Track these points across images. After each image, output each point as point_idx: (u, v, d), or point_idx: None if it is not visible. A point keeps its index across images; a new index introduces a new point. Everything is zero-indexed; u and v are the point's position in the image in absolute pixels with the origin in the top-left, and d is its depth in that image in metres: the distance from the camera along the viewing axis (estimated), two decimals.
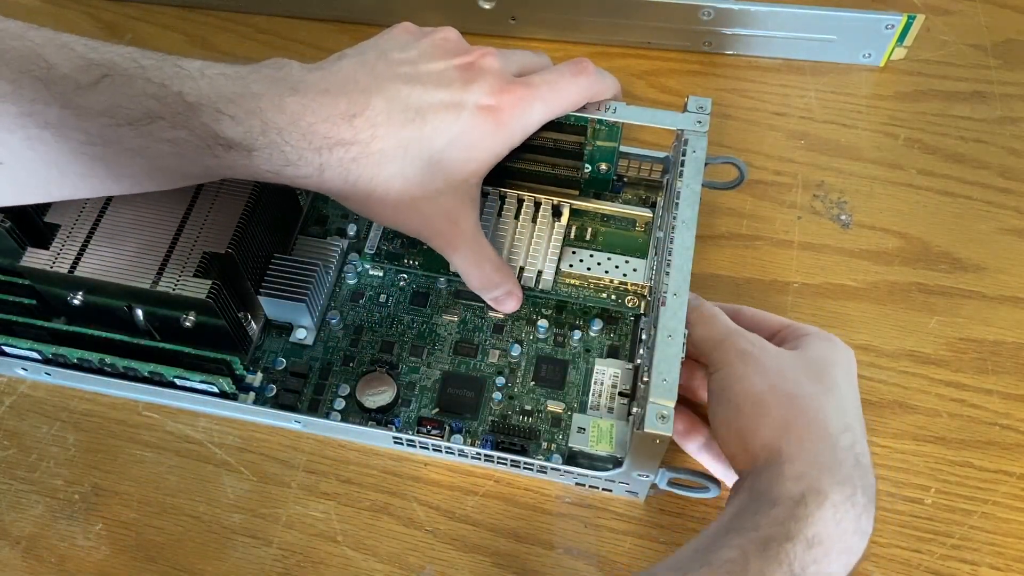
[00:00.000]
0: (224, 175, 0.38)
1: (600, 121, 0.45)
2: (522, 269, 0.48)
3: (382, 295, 0.49)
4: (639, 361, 0.43)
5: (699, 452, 0.43)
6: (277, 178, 0.38)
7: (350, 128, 0.37)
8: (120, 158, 0.35)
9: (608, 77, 0.44)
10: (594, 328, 0.47)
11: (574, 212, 0.51)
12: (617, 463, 0.42)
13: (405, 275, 0.49)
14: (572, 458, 0.44)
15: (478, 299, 0.48)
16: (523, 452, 0.44)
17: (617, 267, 0.49)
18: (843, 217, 0.52)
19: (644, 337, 0.44)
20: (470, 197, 0.42)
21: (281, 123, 0.36)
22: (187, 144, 0.35)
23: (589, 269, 0.49)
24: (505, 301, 0.46)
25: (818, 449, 0.34)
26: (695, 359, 0.42)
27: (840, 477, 0.33)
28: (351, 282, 0.49)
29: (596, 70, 0.43)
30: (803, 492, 0.33)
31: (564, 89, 0.42)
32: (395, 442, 0.44)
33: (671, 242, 0.40)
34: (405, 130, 0.38)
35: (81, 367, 0.45)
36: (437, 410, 0.45)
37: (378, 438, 0.45)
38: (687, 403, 0.43)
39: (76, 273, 0.42)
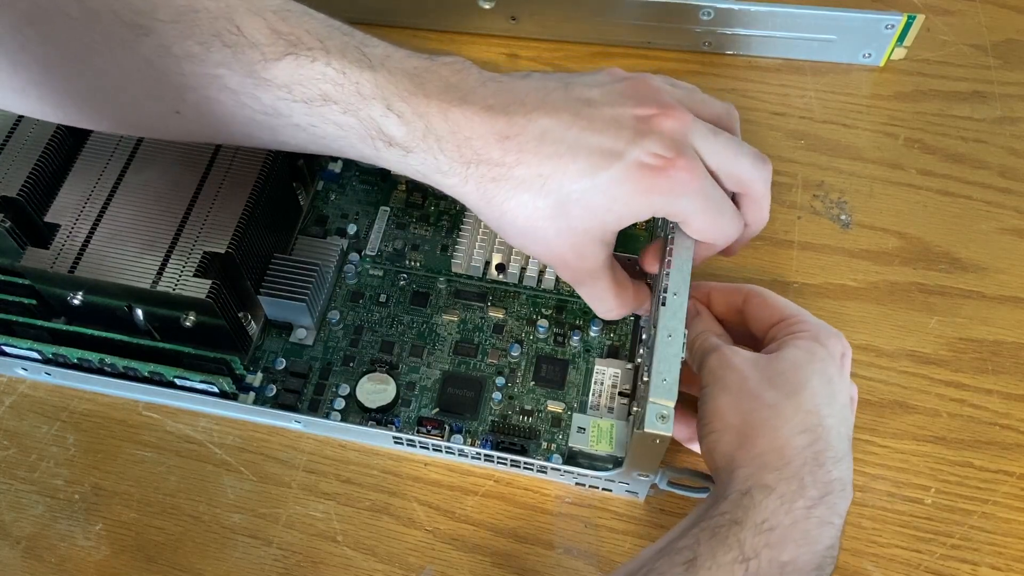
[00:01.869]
0: (376, 164, 0.38)
1: None
2: (524, 269, 0.48)
3: (382, 295, 0.49)
4: (639, 360, 0.43)
5: None
6: (425, 179, 0.38)
7: (499, 149, 0.36)
8: (286, 129, 0.36)
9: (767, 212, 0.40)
10: (594, 328, 0.47)
11: None
12: (617, 463, 0.42)
13: (405, 275, 0.49)
14: (572, 458, 0.44)
15: (478, 299, 0.48)
16: (523, 452, 0.44)
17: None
18: (843, 217, 0.52)
19: (644, 337, 0.44)
20: (602, 242, 0.39)
21: (442, 132, 0.36)
22: (352, 130, 0.36)
23: None
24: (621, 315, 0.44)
25: (766, 452, 0.35)
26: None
27: (786, 473, 0.34)
28: (351, 282, 0.49)
29: (763, 220, 0.40)
30: (749, 486, 0.34)
31: (725, 220, 0.38)
32: (395, 442, 0.44)
33: (671, 242, 0.40)
34: (549, 163, 0.36)
35: (81, 367, 0.45)
36: (437, 410, 0.45)
37: (378, 438, 0.45)
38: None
39: (76, 273, 0.42)
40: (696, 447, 0.42)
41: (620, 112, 0.37)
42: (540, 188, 0.37)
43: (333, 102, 0.35)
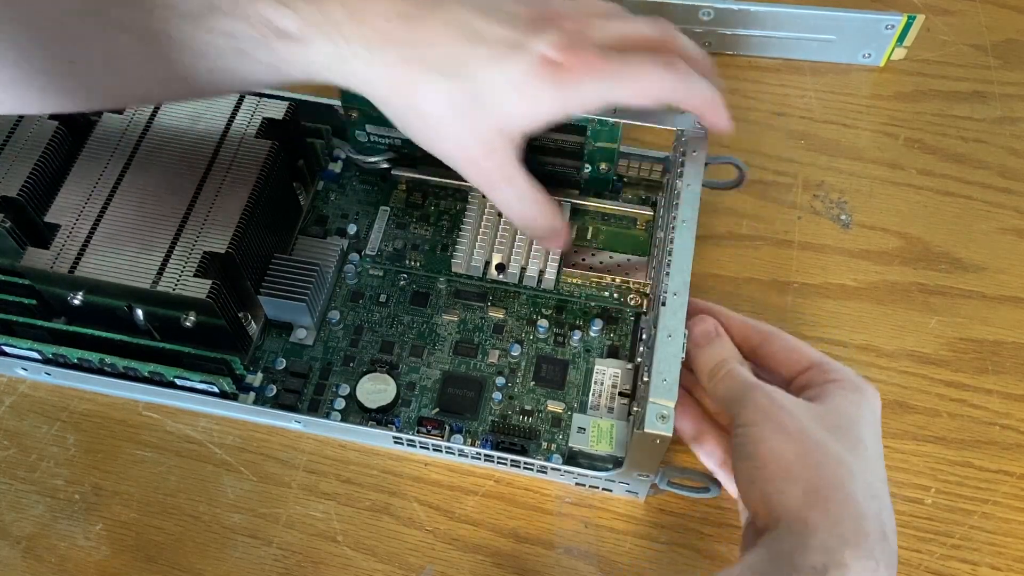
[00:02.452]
0: (271, 74, 0.37)
1: (600, 121, 0.45)
2: (524, 268, 0.48)
3: (382, 295, 0.49)
4: (639, 359, 0.43)
5: (716, 470, 0.42)
6: (327, 74, 0.37)
7: (406, 31, 0.36)
8: (182, 59, 0.35)
9: (698, 85, 0.39)
10: (594, 328, 0.47)
11: (575, 211, 0.51)
12: (617, 463, 0.42)
13: (405, 275, 0.49)
14: (572, 458, 0.44)
15: (478, 299, 0.48)
16: (523, 452, 0.44)
17: (619, 265, 0.49)
18: (843, 217, 0.52)
19: (644, 337, 0.44)
20: (512, 142, 0.39)
21: (340, 16, 0.35)
22: (244, 36, 0.35)
23: (591, 268, 0.49)
24: (551, 240, 0.44)
25: (844, 520, 0.33)
26: (712, 410, 0.41)
27: (863, 552, 0.32)
28: (351, 282, 0.49)
29: (686, 72, 0.38)
30: (826, 564, 0.32)
31: (645, 77, 0.37)
32: (395, 442, 0.44)
33: (671, 242, 0.40)
34: (459, 47, 0.36)
35: (81, 367, 0.45)
36: (437, 410, 0.45)
37: (378, 438, 0.45)
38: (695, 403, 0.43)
39: (76, 273, 0.42)
40: (702, 449, 0.42)
41: (518, 10, 0.37)
42: (453, 72, 0.36)
43: (220, 11, 0.34)
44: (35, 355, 0.45)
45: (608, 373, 0.45)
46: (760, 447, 0.35)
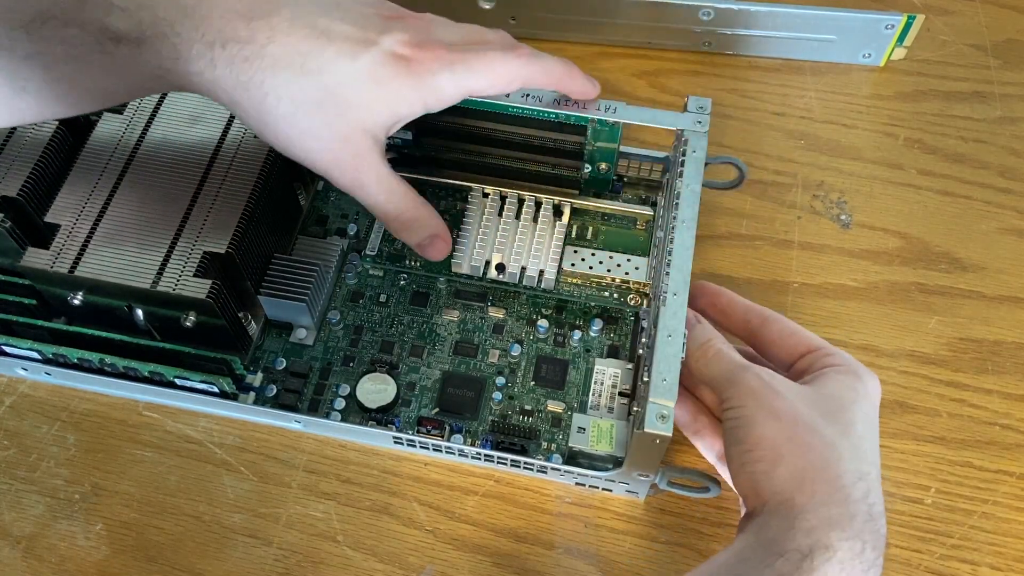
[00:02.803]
0: (118, 82, 0.36)
1: (600, 121, 0.45)
2: (524, 269, 0.48)
3: (382, 295, 0.49)
4: (640, 352, 0.43)
5: (715, 463, 0.42)
6: (168, 76, 0.36)
7: (247, 28, 0.35)
8: (21, 70, 0.35)
9: (548, 59, 0.41)
10: (594, 328, 0.47)
11: (575, 211, 0.51)
12: (617, 463, 0.42)
13: (405, 275, 0.49)
14: (572, 458, 0.44)
15: (478, 299, 0.48)
16: (523, 452, 0.44)
17: (619, 265, 0.49)
18: (843, 217, 0.52)
19: (644, 337, 0.44)
20: (376, 140, 0.39)
21: (173, 15, 0.35)
22: (79, 44, 0.34)
23: (591, 268, 0.49)
24: (432, 246, 0.44)
25: (830, 502, 0.33)
26: (701, 393, 0.41)
27: (850, 533, 0.33)
28: (351, 282, 0.49)
29: (532, 52, 0.40)
30: (811, 546, 0.32)
31: (494, 62, 0.39)
32: (395, 442, 0.44)
33: (671, 242, 0.40)
34: (305, 43, 0.36)
35: (81, 367, 0.45)
36: (437, 410, 0.45)
37: (378, 438, 0.45)
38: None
39: (76, 273, 0.42)
40: (702, 442, 0.42)
41: (366, 10, 0.38)
42: (300, 68, 0.36)
43: (52, 17, 0.34)
44: (35, 355, 0.45)
45: (608, 373, 0.45)
46: (751, 431, 0.35)
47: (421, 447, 0.44)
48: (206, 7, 0.35)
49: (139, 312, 0.44)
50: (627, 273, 0.48)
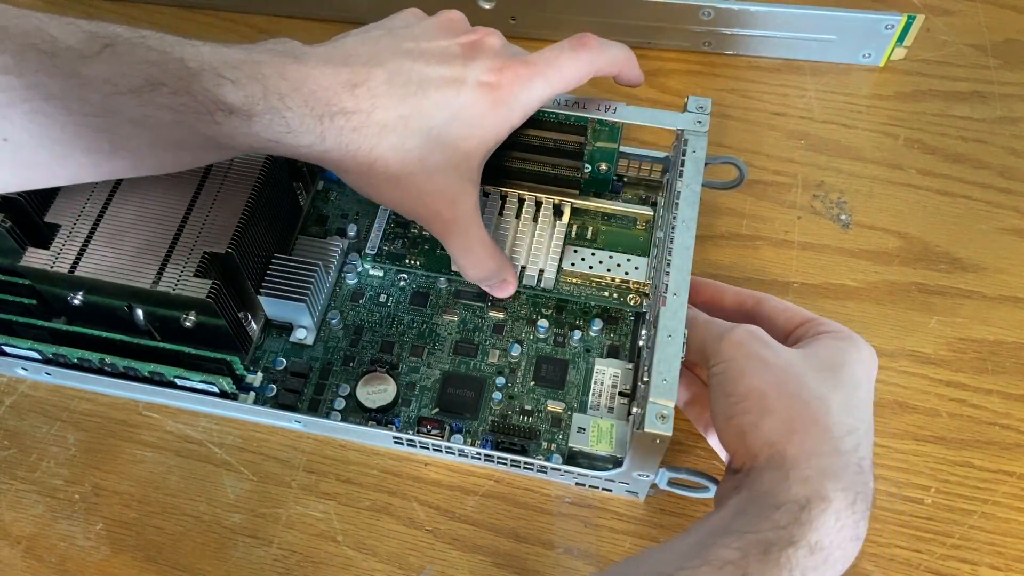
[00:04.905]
0: (225, 148, 0.37)
1: (600, 121, 0.45)
2: (523, 268, 0.48)
3: (382, 295, 0.49)
4: (642, 345, 0.43)
5: (704, 431, 0.42)
6: (278, 147, 0.37)
7: (352, 97, 0.37)
8: (122, 129, 0.35)
9: (613, 48, 0.43)
10: (594, 328, 0.47)
11: (575, 211, 0.51)
12: (617, 463, 0.42)
13: (405, 275, 0.49)
14: (572, 458, 0.44)
15: (478, 299, 0.48)
16: (523, 452, 0.44)
17: (619, 265, 0.49)
18: (843, 217, 0.52)
19: (644, 337, 0.44)
20: (470, 178, 0.41)
21: (283, 89, 0.36)
22: (188, 111, 0.35)
23: (591, 267, 0.49)
24: (499, 288, 0.47)
25: (823, 453, 0.33)
26: (696, 369, 0.42)
27: (844, 483, 0.33)
28: (351, 282, 0.49)
29: (599, 43, 0.42)
30: (807, 497, 0.32)
31: (564, 65, 0.41)
32: (395, 442, 0.44)
33: (671, 242, 0.40)
34: (406, 103, 0.38)
35: (81, 367, 0.45)
36: (437, 410, 0.45)
37: (378, 438, 0.45)
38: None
39: (76, 273, 0.42)
40: (691, 409, 0.42)
41: (446, 44, 0.40)
42: (404, 128, 0.38)
43: (162, 84, 0.34)
44: (35, 355, 0.45)
45: (608, 373, 0.45)
46: (739, 383, 0.36)
47: (421, 447, 0.44)
48: (313, 80, 0.36)
49: (139, 312, 0.44)
50: (627, 273, 0.48)
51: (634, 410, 0.42)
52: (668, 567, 0.32)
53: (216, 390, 0.44)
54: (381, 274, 0.50)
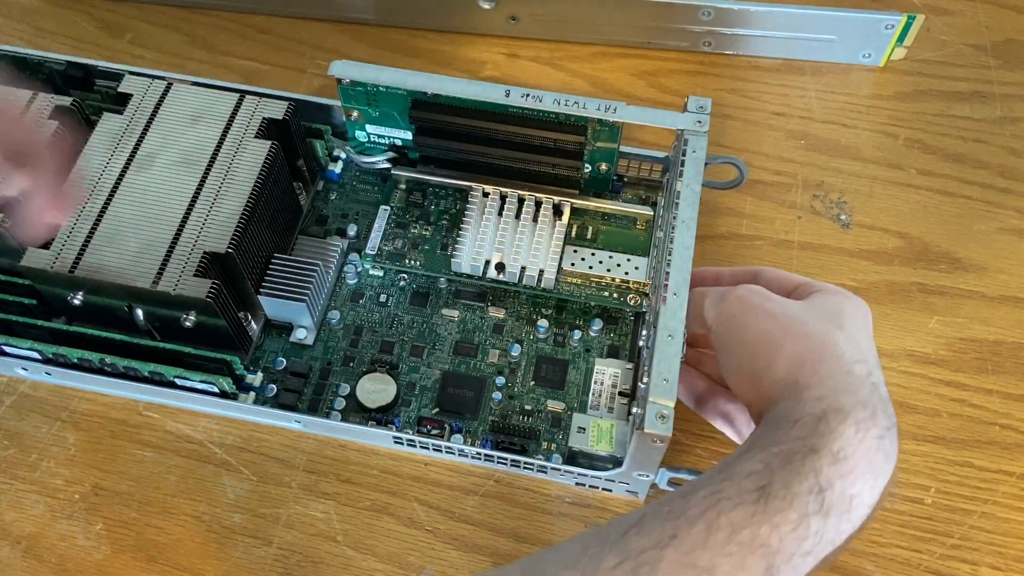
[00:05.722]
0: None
1: (600, 121, 0.45)
2: (524, 268, 0.48)
3: (382, 295, 0.49)
4: (641, 346, 0.43)
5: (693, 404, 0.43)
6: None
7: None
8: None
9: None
10: (594, 328, 0.47)
11: (575, 211, 0.50)
12: (617, 463, 0.42)
13: (405, 275, 0.49)
14: (572, 458, 0.44)
15: (478, 299, 0.48)
16: (523, 452, 0.44)
17: (619, 265, 0.49)
18: (843, 217, 0.52)
19: (644, 337, 0.44)
20: None
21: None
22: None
23: (591, 267, 0.49)
24: None
25: (834, 375, 0.34)
26: (702, 345, 0.42)
27: (859, 398, 0.33)
28: (351, 282, 0.49)
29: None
30: (824, 410, 0.32)
31: None
32: (395, 442, 0.44)
33: (671, 242, 0.40)
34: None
35: (81, 367, 0.45)
36: (437, 410, 0.45)
37: (378, 438, 0.45)
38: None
39: (76, 273, 0.42)
40: (712, 408, 0.42)
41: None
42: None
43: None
44: (35, 355, 0.45)
45: (608, 373, 0.45)
46: (746, 331, 0.36)
47: (421, 447, 0.44)
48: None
49: (139, 312, 0.44)
50: (627, 273, 0.48)
51: (634, 410, 0.42)
52: (690, 488, 0.32)
53: (216, 390, 0.44)
54: (381, 274, 0.50)
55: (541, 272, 0.48)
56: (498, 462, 0.44)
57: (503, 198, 0.50)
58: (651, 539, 0.31)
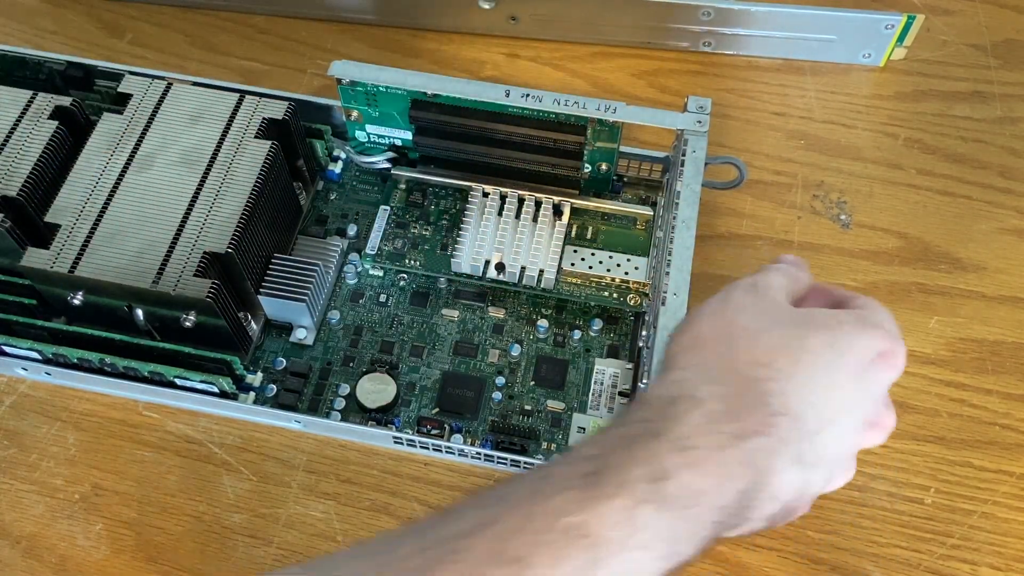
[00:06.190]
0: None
1: (600, 121, 0.45)
2: (523, 268, 0.48)
3: (382, 295, 0.49)
4: (641, 346, 0.43)
5: None
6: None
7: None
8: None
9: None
10: (594, 328, 0.47)
11: (575, 211, 0.50)
12: None
13: (405, 275, 0.49)
14: None
15: (478, 299, 0.48)
16: (523, 452, 0.44)
17: (619, 265, 0.49)
18: (843, 217, 0.52)
19: (644, 337, 0.44)
20: None
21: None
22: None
23: (591, 267, 0.49)
24: None
25: (707, 364, 0.30)
26: None
27: (723, 391, 0.29)
28: (351, 282, 0.49)
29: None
30: (676, 395, 0.29)
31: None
32: (395, 442, 0.44)
33: (671, 242, 0.40)
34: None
35: (81, 367, 0.45)
36: (437, 410, 0.45)
37: (378, 438, 0.45)
38: None
39: (76, 273, 0.42)
40: None
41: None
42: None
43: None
44: (35, 355, 0.45)
45: (608, 373, 0.45)
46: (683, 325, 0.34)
47: (421, 447, 0.44)
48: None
49: (139, 312, 0.44)
50: (627, 273, 0.48)
51: None
52: (526, 473, 0.30)
53: (216, 390, 0.44)
54: (381, 274, 0.50)
55: (541, 272, 0.48)
56: (498, 462, 0.44)
57: (503, 198, 0.50)
58: (465, 524, 0.27)
